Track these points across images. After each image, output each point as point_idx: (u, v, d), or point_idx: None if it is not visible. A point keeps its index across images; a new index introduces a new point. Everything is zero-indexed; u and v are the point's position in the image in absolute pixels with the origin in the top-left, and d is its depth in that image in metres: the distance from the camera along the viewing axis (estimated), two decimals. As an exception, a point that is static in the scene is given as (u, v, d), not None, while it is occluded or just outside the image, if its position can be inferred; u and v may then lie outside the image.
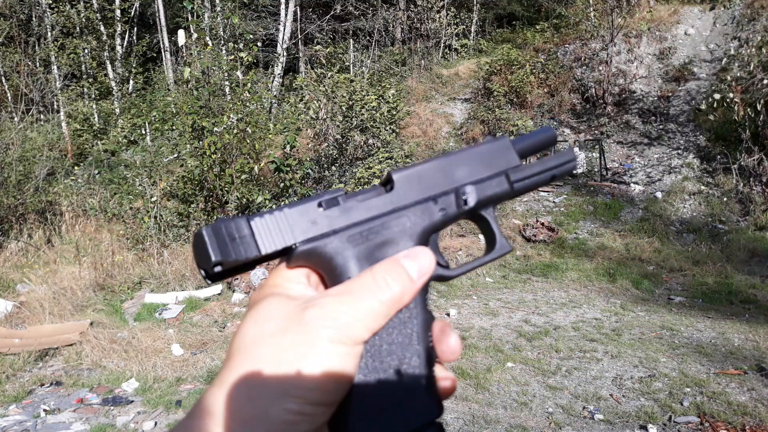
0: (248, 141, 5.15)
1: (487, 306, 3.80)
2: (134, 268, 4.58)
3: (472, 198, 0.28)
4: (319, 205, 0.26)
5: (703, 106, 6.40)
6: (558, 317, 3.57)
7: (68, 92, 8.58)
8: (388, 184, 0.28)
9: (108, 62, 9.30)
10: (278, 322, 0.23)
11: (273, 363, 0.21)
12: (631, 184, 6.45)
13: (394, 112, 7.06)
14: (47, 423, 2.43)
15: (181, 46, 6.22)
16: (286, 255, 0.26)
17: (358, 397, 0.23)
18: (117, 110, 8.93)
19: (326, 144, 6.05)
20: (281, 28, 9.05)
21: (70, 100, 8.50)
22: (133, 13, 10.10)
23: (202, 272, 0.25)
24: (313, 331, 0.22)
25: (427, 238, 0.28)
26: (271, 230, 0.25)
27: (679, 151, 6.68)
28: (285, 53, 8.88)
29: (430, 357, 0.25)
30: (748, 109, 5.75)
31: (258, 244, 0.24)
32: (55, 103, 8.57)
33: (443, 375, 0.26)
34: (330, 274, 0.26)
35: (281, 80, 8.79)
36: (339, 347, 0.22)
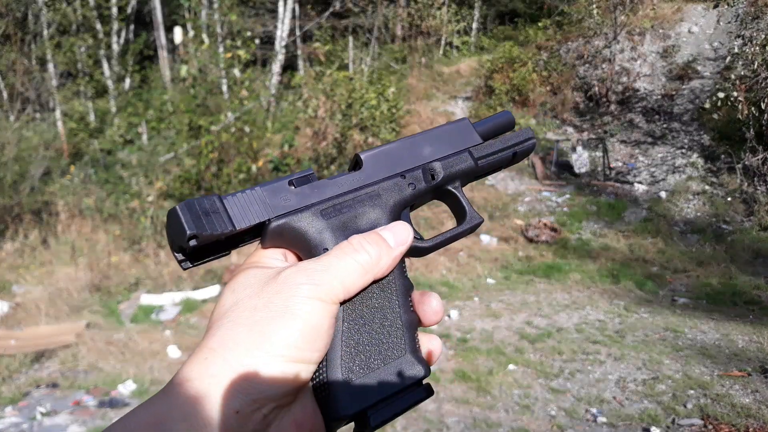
0: (246, 140, 5.12)
1: (488, 308, 3.78)
2: (130, 269, 4.57)
3: (439, 173, 0.29)
4: (290, 183, 0.26)
5: (707, 105, 6.40)
6: (561, 319, 3.55)
7: (64, 91, 8.54)
8: (357, 165, 0.28)
9: (104, 60, 9.26)
10: (254, 288, 0.23)
11: (250, 323, 0.21)
12: (635, 184, 6.40)
13: (394, 111, 7.04)
14: (43, 425, 2.42)
15: (178, 43, 6.15)
16: (260, 234, 0.26)
17: (340, 360, 0.23)
18: (113, 109, 8.89)
19: (325, 143, 6.00)
20: (279, 25, 9.00)
21: (66, 98, 8.45)
22: (129, 11, 10.03)
23: (178, 253, 0.24)
24: (289, 288, 0.22)
25: (399, 212, 0.28)
26: (245, 207, 0.25)
27: (683, 151, 6.66)
28: (283, 51, 8.84)
29: (412, 320, 0.25)
30: (752, 108, 5.71)
31: (232, 219, 0.24)
32: (51, 101, 8.51)
33: (428, 337, 0.26)
34: (305, 248, 0.25)
35: (279, 78, 8.74)
36: (314, 302, 0.22)
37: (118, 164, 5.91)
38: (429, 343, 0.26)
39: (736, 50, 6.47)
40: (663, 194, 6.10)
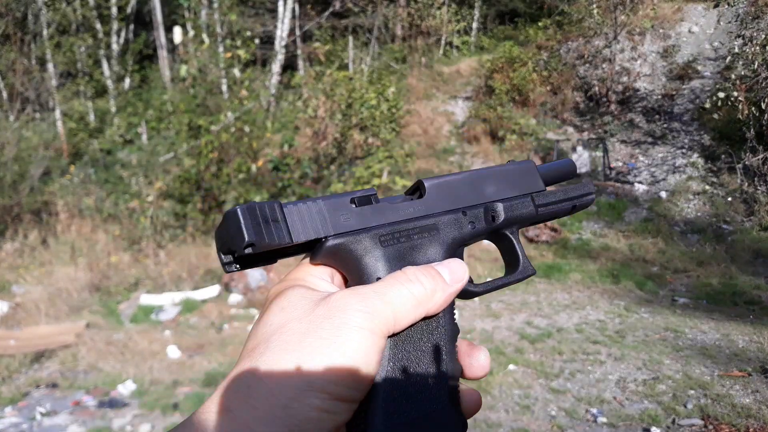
0: (246, 140, 5.11)
1: (489, 308, 3.78)
2: (130, 269, 4.56)
3: (500, 215, 0.28)
4: (352, 201, 0.26)
5: (707, 105, 6.39)
6: (561, 319, 3.55)
7: (64, 90, 8.54)
8: (417, 191, 0.28)
9: (104, 60, 9.26)
10: (304, 310, 0.22)
11: (298, 352, 0.20)
12: (635, 184, 6.41)
13: (394, 111, 7.05)
14: (43, 425, 2.41)
15: (178, 43, 6.15)
16: (311, 248, 0.25)
17: (380, 402, 0.22)
18: (113, 109, 8.87)
19: (325, 143, 5.99)
20: (279, 24, 8.99)
21: (66, 98, 8.44)
22: (129, 11, 10.02)
23: (226, 256, 0.23)
24: (341, 314, 0.21)
25: (456, 249, 0.27)
26: (304, 219, 0.24)
27: (684, 150, 6.66)
28: (283, 50, 8.83)
29: (456, 370, 0.25)
30: (753, 108, 5.70)
31: (291, 231, 0.23)
32: (50, 101, 8.50)
33: (468, 390, 0.25)
34: (356, 273, 0.25)
35: (279, 78, 8.72)
36: (366, 335, 0.21)
37: (118, 164, 5.91)
38: (469, 397, 0.25)
39: (736, 50, 6.44)
40: (663, 194, 6.10)
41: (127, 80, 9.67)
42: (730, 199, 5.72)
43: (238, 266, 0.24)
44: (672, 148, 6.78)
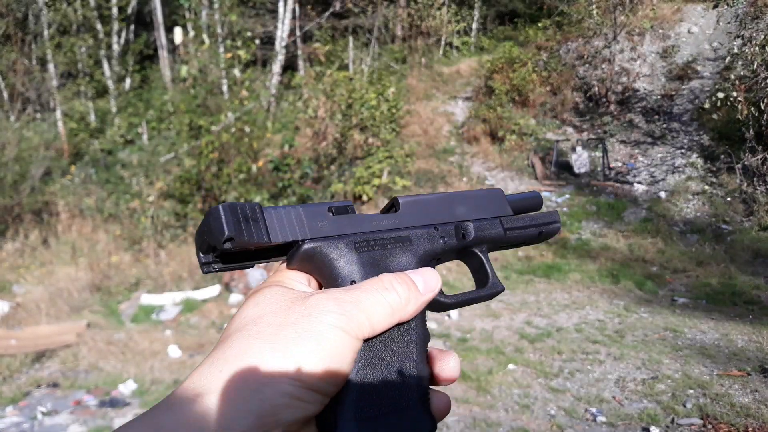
0: (246, 140, 5.11)
1: (488, 307, 3.77)
2: (131, 268, 4.56)
3: (471, 233, 0.30)
4: (329, 210, 0.27)
5: (706, 105, 6.39)
6: (560, 319, 3.55)
7: (65, 91, 8.53)
8: (392, 207, 0.29)
9: (105, 60, 9.25)
10: (280, 305, 0.22)
11: (272, 341, 0.20)
12: (635, 184, 6.40)
13: (394, 111, 7.04)
14: (44, 425, 2.42)
15: (179, 44, 6.16)
16: (286, 252, 0.26)
17: (352, 398, 0.22)
18: (114, 109, 8.88)
19: (325, 143, 6.00)
20: (279, 25, 8.98)
21: (67, 98, 8.44)
22: (130, 11, 10.02)
23: (205, 254, 0.24)
24: (317, 314, 0.22)
25: (428, 262, 0.28)
26: (283, 222, 0.25)
27: (683, 151, 6.65)
28: (283, 51, 8.81)
29: (425, 373, 0.25)
30: (752, 108, 5.70)
31: (269, 232, 0.24)
32: (51, 101, 8.50)
33: (437, 392, 0.26)
34: (331, 277, 0.25)
35: (280, 78, 8.73)
36: (340, 334, 0.22)
37: (119, 164, 5.91)
38: (439, 399, 0.26)
39: (735, 50, 6.48)
40: (663, 194, 6.09)
41: (128, 80, 9.68)
42: (729, 199, 5.72)
43: (216, 266, 0.24)
44: (671, 149, 6.78)
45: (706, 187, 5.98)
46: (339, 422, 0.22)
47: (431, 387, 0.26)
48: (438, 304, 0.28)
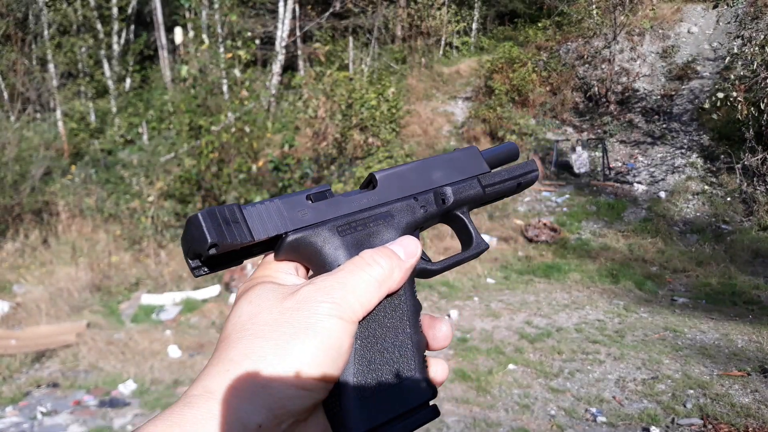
0: (246, 140, 5.11)
1: (488, 307, 3.78)
2: (131, 268, 4.56)
3: (450, 197, 0.30)
4: (308, 198, 0.27)
5: (706, 105, 6.37)
6: (560, 319, 3.55)
7: (65, 91, 8.53)
8: (370, 184, 0.29)
9: (105, 60, 9.24)
10: (273, 302, 0.23)
11: (272, 338, 0.21)
12: (635, 184, 6.41)
13: (394, 111, 7.04)
14: (44, 425, 2.42)
15: (179, 44, 6.16)
16: (273, 246, 0.26)
17: (353, 379, 0.23)
18: (114, 109, 8.87)
19: (325, 143, 6.00)
20: (279, 25, 8.99)
21: (67, 98, 8.44)
22: (130, 11, 10.02)
23: (193, 260, 0.24)
24: (310, 306, 0.22)
25: (411, 233, 0.28)
26: (263, 218, 0.25)
27: (683, 151, 6.66)
28: (283, 51, 8.83)
29: (420, 342, 0.26)
30: (752, 108, 5.70)
31: (251, 230, 0.25)
32: (51, 101, 8.50)
33: (435, 360, 0.26)
34: (318, 263, 0.26)
35: (280, 78, 8.73)
36: (336, 321, 0.22)
37: (119, 164, 5.88)
38: (436, 366, 0.26)
39: (735, 50, 6.46)
40: (662, 194, 6.10)
41: (128, 80, 9.67)
42: (729, 199, 5.72)
43: (206, 269, 0.25)
44: (671, 149, 6.78)
45: (706, 187, 5.98)
46: (343, 404, 0.22)
47: (427, 353, 0.26)
48: (426, 272, 0.28)
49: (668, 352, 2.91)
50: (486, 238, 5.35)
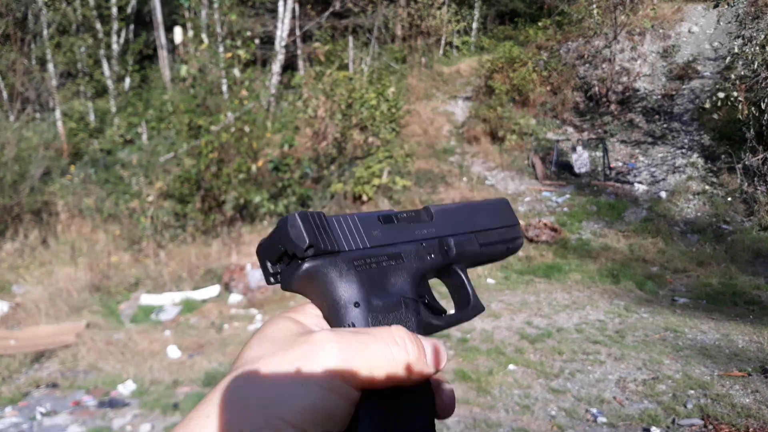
0: (246, 140, 5.11)
1: (488, 308, 3.77)
2: (130, 269, 4.56)
3: (452, 248, 0.29)
4: (378, 219, 0.27)
5: (707, 105, 6.37)
6: (561, 319, 3.55)
7: (64, 90, 8.54)
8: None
9: (104, 60, 9.26)
10: (280, 344, 0.22)
11: (268, 383, 0.21)
12: (635, 184, 6.40)
13: (394, 111, 7.06)
14: (43, 425, 2.41)
15: (178, 43, 6.16)
16: (285, 271, 0.25)
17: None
18: (113, 109, 8.89)
19: (325, 143, 6.00)
20: (279, 25, 8.98)
21: (66, 98, 8.45)
22: (129, 11, 10.02)
23: (274, 266, 0.24)
24: (316, 353, 0.21)
25: (419, 281, 0.28)
26: (345, 230, 0.25)
27: (683, 151, 6.66)
28: (283, 51, 8.83)
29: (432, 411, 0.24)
30: (752, 108, 5.70)
31: (336, 240, 0.25)
32: (50, 101, 8.50)
33: (442, 389, 0.25)
34: (332, 301, 0.25)
35: (279, 78, 8.71)
36: (336, 383, 0.21)
37: (118, 164, 5.89)
38: (444, 394, 0.25)
39: (736, 50, 6.44)
40: (663, 194, 6.09)
41: (128, 80, 9.66)
42: (729, 199, 5.71)
43: (279, 278, 0.24)
44: (672, 148, 6.78)
45: (707, 187, 5.98)
46: None
47: (436, 377, 0.25)
48: (430, 326, 0.27)
49: (669, 352, 2.91)
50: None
